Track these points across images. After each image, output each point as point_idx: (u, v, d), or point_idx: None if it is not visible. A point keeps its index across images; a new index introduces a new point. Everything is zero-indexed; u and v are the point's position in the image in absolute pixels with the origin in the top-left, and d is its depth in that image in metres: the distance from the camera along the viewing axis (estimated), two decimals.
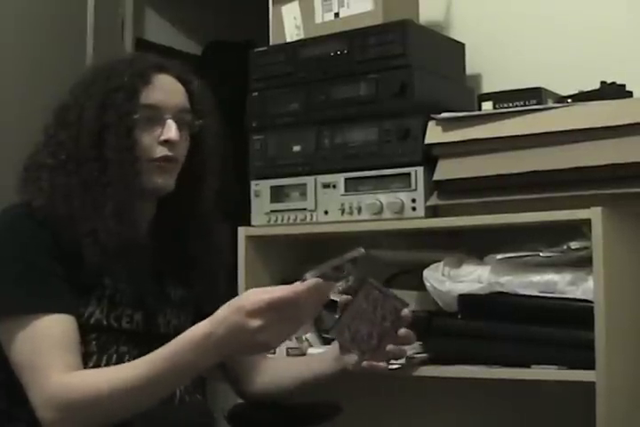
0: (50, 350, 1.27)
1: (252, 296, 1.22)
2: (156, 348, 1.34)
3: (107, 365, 1.35)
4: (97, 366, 1.34)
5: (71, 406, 1.24)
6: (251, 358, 1.59)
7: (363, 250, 1.25)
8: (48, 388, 1.25)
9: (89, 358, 1.34)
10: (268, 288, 1.23)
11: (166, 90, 1.45)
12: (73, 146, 1.38)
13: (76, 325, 1.31)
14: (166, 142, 1.42)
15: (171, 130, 1.42)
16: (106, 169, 1.36)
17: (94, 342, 1.35)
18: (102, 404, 1.24)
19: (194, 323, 1.29)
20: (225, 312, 1.23)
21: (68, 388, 1.25)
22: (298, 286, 1.21)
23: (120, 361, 1.35)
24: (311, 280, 1.20)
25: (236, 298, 1.24)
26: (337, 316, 1.41)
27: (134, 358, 1.34)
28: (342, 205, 1.97)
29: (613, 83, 1.87)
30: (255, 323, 1.19)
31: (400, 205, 1.89)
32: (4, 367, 1.32)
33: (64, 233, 1.33)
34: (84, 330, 1.34)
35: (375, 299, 1.32)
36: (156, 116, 1.42)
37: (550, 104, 1.85)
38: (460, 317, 1.82)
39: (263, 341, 1.21)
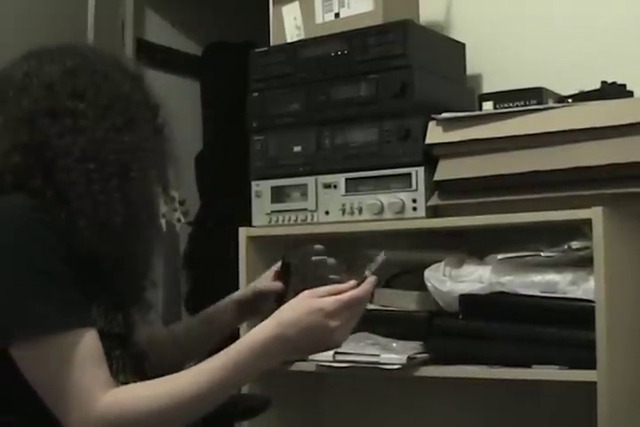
0: (90, 368, 1.19)
1: (327, 297, 1.25)
2: (128, 349, 1.35)
3: (117, 370, 1.30)
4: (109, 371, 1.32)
5: (126, 425, 1.18)
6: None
7: (384, 255, 1.36)
8: (97, 410, 1.16)
9: None
10: (326, 288, 1.27)
11: None
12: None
13: (97, 337, 1.23)
14: None
15: None
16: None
17: None
18: (161, 419, 1.19)
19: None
20: (298, 314, 1.23)
21: (121, 407, 1.18)
22: (367, 286, 1.29)
23: (124, 365, 1.33)
24: (372, 278, 1.30)
25: (305, 301, 1.25)
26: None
27: (127, 360, 1.32)
28: (343, 205, 1.97)
29: (614, 82, 1.87)
30: (335, 323, 1.23)
31: (401, 205, 1.89)
32: (10, 408, 1.22)
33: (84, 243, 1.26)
34: None
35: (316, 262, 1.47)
36: None
37: (551, 104, 1.85)
38: (461, 317, 1.82)
39: (337, 339, 1.26)
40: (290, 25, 2.13)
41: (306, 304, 1.24)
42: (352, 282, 1.29)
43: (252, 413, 1.69)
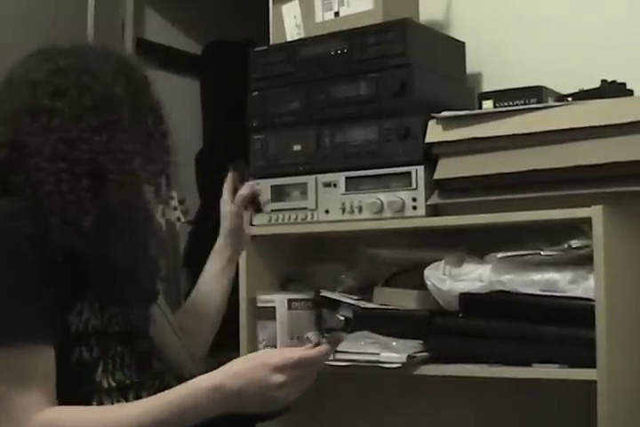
0: (35, 386, 1.21)
1: (277, 353, 1.25)
2: (135, 345, 1.36)
3: (113, 368, 1.33)
4: (105, 370, 1.32)
5: None
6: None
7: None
8: (29, 424, 1.19)
9: (96, 364, 1.31)
10: (285, 349, 1.31)
11: None
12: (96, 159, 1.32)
13: (54, 356, 1.25)
14: None
15: None
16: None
17: (96, 347, 1.32)
18: None
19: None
20: (244, 365, 1.23)
21: (48, 424, 1.20)
22: (320, 348, 1.25)
23: (123, 362, 1.35)
24: (326, 346, 1.26)
25: (257, 354, 1.27)
26: None
27: (129, 358, 1.34)
28: (343, 204, 1.97)
29: (614, 81, 1.87)
30: (279, 379, 1.21)
31: (401, 204, 1.89)
32: None
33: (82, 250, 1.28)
34: (85, 337, 1.31)
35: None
36: None
37: (551, 103, 1.85)
38: (460, 315, 1.82)
39: (280, 396, 1.23)
40: (289, 24, 2.13)
41: (256, 358, 1.24)
42: (309, 345, 1.27)
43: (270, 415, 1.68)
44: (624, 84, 1.87)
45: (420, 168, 1.89)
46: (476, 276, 1.82)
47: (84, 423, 1.22)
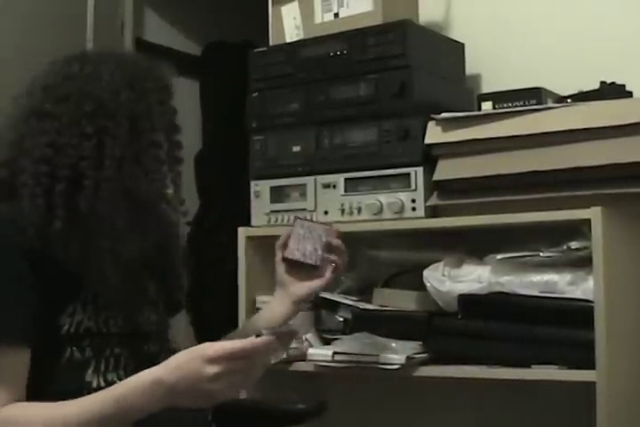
0: (4, 382, 1.24)
1: (211, 345, 1.21)
2: (141, 347, 1.37)
3: (106, 368, 1.34)
4: (97, 370, 1.33)
5: None
6: None
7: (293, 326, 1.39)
8: None
9: (87, 364, 1.33)
10: (226, 341, 1.23)
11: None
12: (95, 166, 1.33)
13: (28, 357, 1.27)
14: None
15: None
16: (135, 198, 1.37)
17: (89, 348, 1.33)
18: None
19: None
20: (182, 359, 1.21)
21: (5, 420, 1.22)
22: (258, 340, 1.20)
23: (118, 363, 1.35)
24: (268, 338, 1.21)
25: (197, 347, 1.23)
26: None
27: (126, 359, 1.35)
28: (342, 205, 1.97)
29: (613, 83, 1.87)
30: (212, 370, 1.17)
31: (400, 205, 1.89)
32: None
33: (58, 251, 1.29)
34: (77, 338, 1.32)
35: (307, 226, 1.64)
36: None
37: (550, 104, 1.86)
38: (460, 317, 1.82)
39: (215, 390, 1.19)
40: (289, 25, 2.13)
41: (194, 351, 1.21)
42: (251, 337, 1.22)
43: (303, 417, 1.68)
44: (623, 86, 1.87)
45: (420, 169, 1.89)
46: (475, 277, 1.82)
47: (35, 418, 1.22)
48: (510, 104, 1.89)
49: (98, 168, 1.32)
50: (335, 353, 1.86)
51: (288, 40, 2.12)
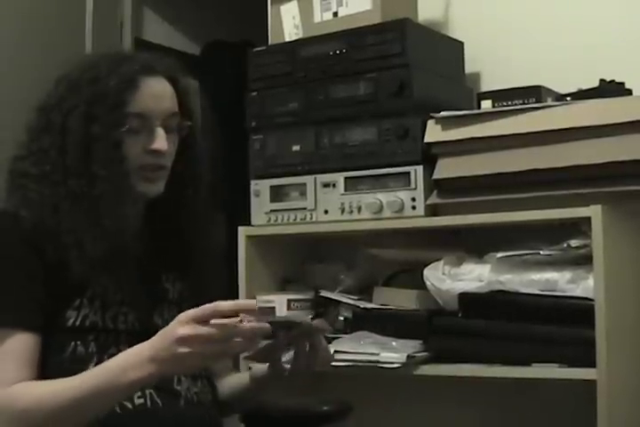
0: (7, 363, 1.26)
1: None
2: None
3: None
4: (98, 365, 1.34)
5: (16, 415, 1.23)
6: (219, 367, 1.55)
7: (309, 319, 1.27)
8: None
9: (90, 359, 1.33)
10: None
11: (155, 95, 1.39)
12: (58, 156, 1.35)
13: (38, 344, 1.30)
14: (155, 151, 1.38)
15: (160, 139, 1.37)
16: (95, 183, 1.34)
17: (93, 343, 1.34)
18: (44, 413, 1.22)
19: None
20: (166, 328, 1.22)
21: (13, 398, 1.24)
22: (241, 302, 1.20)
23: None
24: (261, 324, 1.18)
25: None
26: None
27: None
28: (342, 204, 1.97)
29: (612, 81, 1.87)
30: (182, 330, 1.17)
31: (400, 203, 1.89)
32: None
33: (50, 243, 1.31)
34: (82, 332, 1.33)
35: (282, 326, 1.29)
36: (144, 125, 1.38)
37: (549, 102, 1.85)
38: (460, 315, 1.82)
39: (185, 353, 1.17)
40: (288, 24, 2.13)
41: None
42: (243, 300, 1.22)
43: (328, 419, 1.67)
44: (623, 84, 1.87)
45: (419, 168, 1.89)
46: (475, 275, 1.82)
47: (37, 393, 1.24)
48: (510, 102, 1.89)
49: (33, 163, 1.38)
50: (336, 352, 1.86)
51: (287, 39, 2.12)
